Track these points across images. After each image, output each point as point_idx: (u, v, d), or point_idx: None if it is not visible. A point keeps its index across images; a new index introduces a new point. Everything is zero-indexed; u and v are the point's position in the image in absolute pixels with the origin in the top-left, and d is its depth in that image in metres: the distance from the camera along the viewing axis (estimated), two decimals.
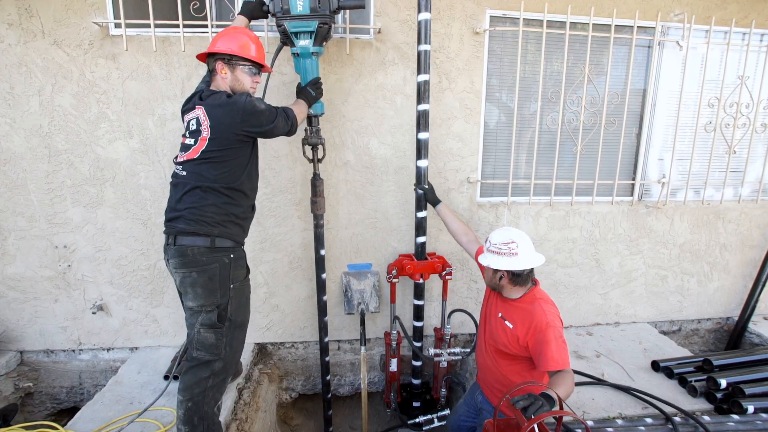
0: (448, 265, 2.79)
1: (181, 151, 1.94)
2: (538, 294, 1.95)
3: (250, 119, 1.85)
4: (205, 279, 1.84)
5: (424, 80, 2.40)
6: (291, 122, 2.02)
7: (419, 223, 2.66)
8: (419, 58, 2.38)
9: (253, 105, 1.85)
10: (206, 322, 1.87)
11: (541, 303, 1.90)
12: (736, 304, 3.55)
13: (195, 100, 1.95)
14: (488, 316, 2.11)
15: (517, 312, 1.94)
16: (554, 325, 1.82)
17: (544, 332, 1.80)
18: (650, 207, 3.22)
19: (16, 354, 2.93)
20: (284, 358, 3.18)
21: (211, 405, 1.93)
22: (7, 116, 2.54)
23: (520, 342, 1.89)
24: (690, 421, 2.28)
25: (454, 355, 2.71)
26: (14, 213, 2.68)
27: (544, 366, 1.77)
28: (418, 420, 2.80)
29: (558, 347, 1.77)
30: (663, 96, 3.06)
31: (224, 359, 1.92)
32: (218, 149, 1.84)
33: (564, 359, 1.77)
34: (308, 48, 2.22)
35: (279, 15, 2.15)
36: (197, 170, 1.85)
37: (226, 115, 1.82)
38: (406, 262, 2.71)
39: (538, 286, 1.99)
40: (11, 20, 2.43)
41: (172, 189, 1.95)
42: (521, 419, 1.51)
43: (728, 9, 2.95)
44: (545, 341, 1.78)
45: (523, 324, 1.89)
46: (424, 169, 2.55)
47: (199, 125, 1.85)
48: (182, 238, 1.85)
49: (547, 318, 1.83)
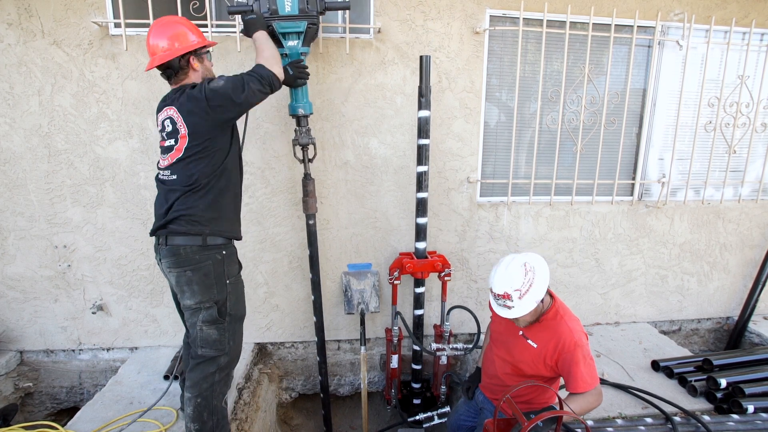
0: (448, 264, 2.79)
1: (162, 154, 1.90)
2: (561, 310, 1.85)
3: (218, 102, 1.78)
4: (200, 276, 1.86)
5: (426, 142, 2.54)
6: (267, 77, 1.86)
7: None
8: (419, 124, 2.51)
9: (212, 88, 1.79)
10: (208, 319, 1.88)
11: (566, 320, 1.81)
12: (736, 303, 3.55)
13: (167, 101, 1.91)
14: (505, 332, 2.01)
15: (541, 330, 1.85)
16: (582, 344, 1.75)
17: (572, 353, 1.73)
18: (650, 207, 3.22)
19: (16, 354, 2.93)
20: (284, 357, 3.18)
21: (219, 399, 1.96)
22: (6, 116, 2.54)
23: (547, 362, 1.82)
24: (690, 420, 2.28)
25: (457, 350, 2.70)
26: (14, 213, 2.68)
27: (574, 388, 1.73)
28: (418, 417, 2.80)
29: (587, 367, 1.73)
30: (663, 95, 3.06)
31: (229, 353, 1.96)
32: (200, 143, 1.81)
33: (594, 379, 1.73)
34: (297, 49, 2.23)
35: (266, 16, 2.14)
36: (186, 170, 1.82)
37: (194, 105, 1.78)
38: (406, 261, 2.72)
39: (557, 300, 1.90)
40: (11, 20, 2.43)
41: (160, 194, 1.91)
42: (521, 419, 1.51)
43: (728, 8, 2.95)
44: (574, 362, 1.72)
45: (548, 343, 1.81)
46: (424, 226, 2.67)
47: (175, 124, 1.82)
48: (174, 238, 1.85)
49: (575, 337, 1.75)
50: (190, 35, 1.88)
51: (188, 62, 1.88)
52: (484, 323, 2.64)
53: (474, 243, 3.07)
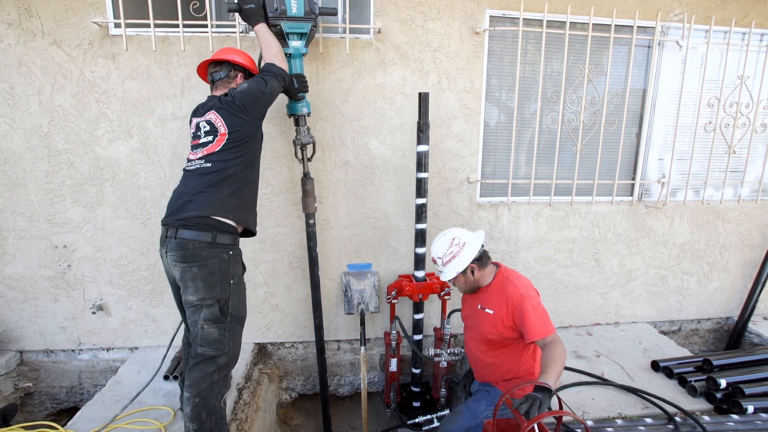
0: (447, 285, 2.79)
1: (195, 149, 2.01)
2: (506, 273, 2.06)
3: (247, 100, 1.97)
4: (205, 273, 1.88)
5: (424, 176, 2.61)
6: (280, 74, 2.09)
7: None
8: (418, 157, 2.58)
9: (240, 91, 1.99)
10: (209, 317, 1.89)
11: (511, 279, 2.00)
12: (736, 304, 3.55)
13: (206, 108, 2.05)
14: (469, 316, 2.21)
15: (493, 295, 2.03)
16: (529, 295, 1.90)
17: (521, 304, 1.89)
18: (650, 207, 3.22)
19: (16, 354, 2.93)
20: (284, 358, 3.18)
21: (218, 399, 1.97)
22: (6, 116, 2.54)
23: (505, 323, 1.96)
24: (689, 420, 2.28)
25: (455, 355, 2.71)
26: (14, 213, 2.68)
27: (529, 337, 1.84)
28: (417, 420, 2.80)
29: (538, 315, 1.85)
30: (663, 96, 3.06)
31: (228, 354, 1.97)
32: (239, 139, 1.97)
33: (547, 326, 1.84)
34: (300, 49, 2.33)
35: (275, 15, 2.21)
36: (221, 161, 1.94)
37: (230, 108, 1.97)
38: (405, 284, 2.74)
39: (503, 266, 2.09)
40: (11, 20, 2.43)
41: (183, 184, 2.00)
42: (521, 419, 1.51)
43: (728, 9, 2.95)
44: (524, 313, 1.86)
45: (501, 305, 1.97)
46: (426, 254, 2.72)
47: (213, 125, 1.98)
48: (183, 231, 1.87)
49: (520, 291, 1.92)
50: (248, 61, 2.18)
51: (236, 76, 2.12)
52: None
53: None
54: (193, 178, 1.97)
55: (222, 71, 2.10)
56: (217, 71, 2.11)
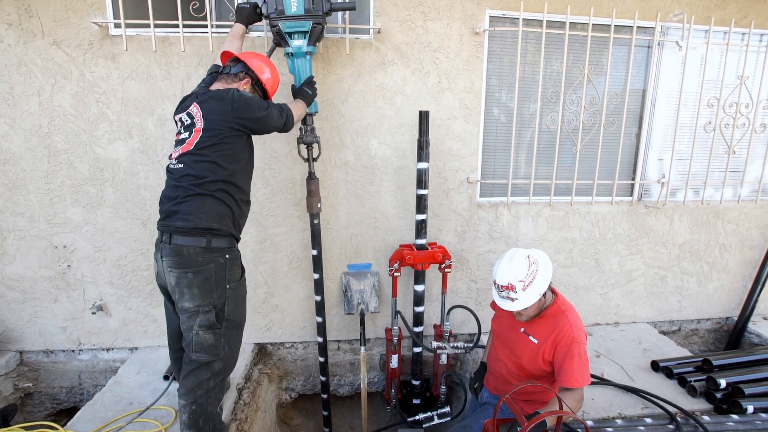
0: (448, 256, 2.78)
1: (176, 146, 1.94)
2: (562, 305, 1.87)
3: (241, 107, 1.87)
4: (201, 279, 1.83)
5: (424, 192, 2.67)
6: (285, 116, 2.03)
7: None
8: (418, 174, 2.62)
9: (243, 95, 1.91)
10: (204, 323, 1.85)
11: (568, 315, 1.83)
12: (736, 304, 3.55)
13: (190, 100, 1.97)
14: (507, 330, 2.03)
15: (543, 324, 1.87)
16: (580, 341, 1.77)
17: (569, 346, 1.76)
18: (650, 207, 3.23)
19: (16, 354, 2.93)
20: (284, 358, 3.18)
21: (214, 405, 1.94)
22: (6, 116, 2.54)
23: (545, 356, 1.84)
24: (690, 420, 2.28)
25: (458, 348, 2.69)
26: (14, 213, 2.68)
27: (563, 381, 1.74)
28: (418, 417, 2.80)
29: (581, 364, 1.74)
30: (662, 96, 3.06)
31: (223, 359, 1.92)
32: (211, 138, 1.85)
33: (584, 379, 1.73)
34: (302, 48, 2.26)
35: (273, 16, 2.18)
36: (197, 166, 1.85)
37: (218, 104, 1.87)
38: (407, 253, 2.71)
39: (560, 296, 1.91)
40: (11, 20, 2.43)
41: (169, 185, 1.93)
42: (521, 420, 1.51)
43: (727, 9, 2.95)
44: (569, 356, 1.74)
45: (548, 337, 1.83)
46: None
47: (192, 118, 1.89)
48: (177, 237, 1.83)
49: (574, 333, 1.77)
50: (267, 73, 2.10)
51: (244, 77, 2.03)
52: (485, 323, 2.64)
53: (474, 243, 3.07)
54: (172, 184, 1.90)
55: (236, 67, 2.04)
56: (233, 66, 2.06)
